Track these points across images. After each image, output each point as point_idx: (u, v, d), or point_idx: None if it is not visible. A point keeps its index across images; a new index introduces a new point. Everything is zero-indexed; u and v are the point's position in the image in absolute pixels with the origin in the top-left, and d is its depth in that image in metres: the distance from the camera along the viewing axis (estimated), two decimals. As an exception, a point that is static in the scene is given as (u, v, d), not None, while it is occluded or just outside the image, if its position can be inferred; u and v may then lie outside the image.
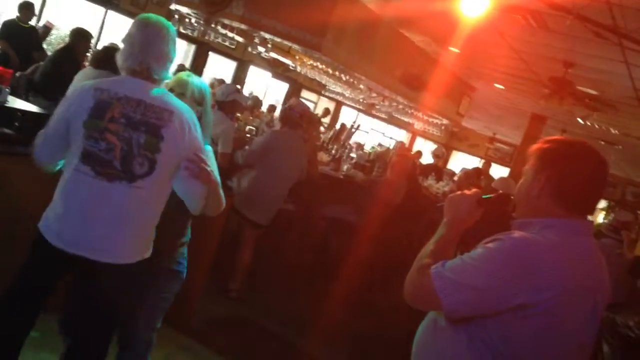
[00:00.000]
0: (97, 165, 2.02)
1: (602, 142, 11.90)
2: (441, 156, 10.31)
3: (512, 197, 1.81)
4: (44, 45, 7.90)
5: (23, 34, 7.29)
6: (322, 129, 9.11)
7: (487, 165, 10.09)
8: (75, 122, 2.03)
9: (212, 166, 2.22)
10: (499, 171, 16.28)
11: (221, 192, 2.28)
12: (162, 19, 2.21)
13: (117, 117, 2.02)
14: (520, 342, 1.47)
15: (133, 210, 2.08)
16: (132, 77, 2.11)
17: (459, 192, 1.77)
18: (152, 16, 2.20)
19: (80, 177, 2.03)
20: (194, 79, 2.47)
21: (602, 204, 15.83)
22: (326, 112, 12.16)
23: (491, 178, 8.69)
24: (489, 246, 1.51)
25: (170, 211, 2.23)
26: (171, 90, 2.30)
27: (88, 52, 6.29)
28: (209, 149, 2.34)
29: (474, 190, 1.78)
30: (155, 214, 2.17)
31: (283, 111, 4.94)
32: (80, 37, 5.85)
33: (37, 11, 8.02)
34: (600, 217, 15.45)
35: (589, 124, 9.76)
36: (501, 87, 9.96)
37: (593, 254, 1.57)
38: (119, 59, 2.16)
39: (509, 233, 1.54)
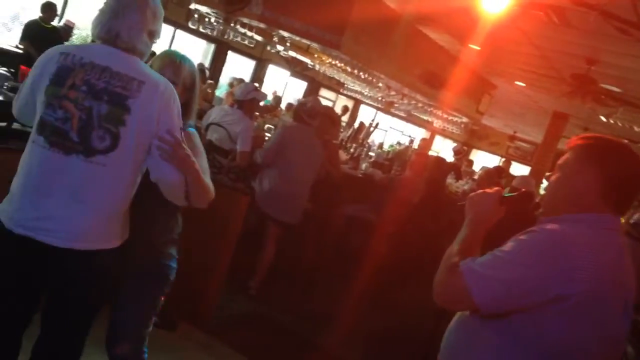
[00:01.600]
0: (52, 135, 1.81)
1: (626, 141, 11.71)
2: (461, 154, 10.24)
3: (534, 195, 1.78)
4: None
5: (45, 34, 7.40)
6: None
7: (507, 163, 9.99)
8: (38, 89, 1.86)
9: (195, 150, 2.05)
10: (519, 170, 16.12)
11: (207, 179, 2.08)
12: None
13: (79, 85, 1.81)
14: (554, 337, 1.44)
15: (91, 189, 1.84)
16: (102, 44, 1.91)
17: (480, 191, 1.75)
18: None
19: (35, 150, 1.84)
20: (187, 61, 2.23)
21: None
22: (345, 109, 12.13)
23: (511, 177, 8.60)
24: (522, 238, 1.49)
25: (151, 199, 2.02)
26: (162, 73, 2.04)
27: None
28: (193, 131, 2.19)
29: (495, 188, 1.76)
30: (121, 196, 1.92)
31: (296, 107, 4.95)
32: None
33: (59, 11, 8.13)
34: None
35: (612, 121, 9.62)
36: (522, 84, 9.85)
37: (622, 251, 1.54)
38: (91, 27, 1.97)
39: (542, 225, 1.52)
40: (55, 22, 7.99)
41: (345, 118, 12.11)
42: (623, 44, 5.56)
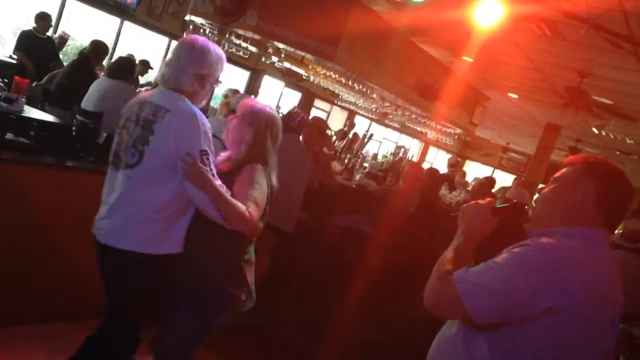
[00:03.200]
0: (113, 157, 2.36)
1: (618, 152, 11.79)
2: (456, 166, 10.25)
3: (526, 207, 1.80)
4: (60, 56, 8.00)
5: (39, 45, 7.39)
6: (333, 138, 9.10)
7: (520, 182, 10.02)
8: None
9: (245, 181, 2.37)
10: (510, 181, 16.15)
11: (233, 201, 2.25)
12: (195, 39, 2.40)
13: (133, 118, 2.31)
14: (545, 350, 1.45)
15: (124, 198, 2.29)
16: (160, 87, 2.37)
17: (473, 202, 1.76)
18: (186, 37, 2.47)
19: (108, 169, 2.39)
20: (265, 110, 2.59)
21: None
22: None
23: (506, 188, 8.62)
24: (516, 250, 1.51)
25: (215, 228, 2.28)
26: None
27: (103, 61, 6.38)
28: (256, 166, 2.46)
29: (487, 199, 1.77)
30: (145, 206, 2.27)
31: (283, 117, 4.98)
32: (97, 49, 5.93)
33: (53, 22, 8.13)
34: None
35: (604, 133, 9.68)
36: (515, 96, 9.91)
37: (611, 266, 1.57)
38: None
39: (536, 238, 1.54)
40: (49, 33, 7.98)
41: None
42: (615, 56, 5.62)
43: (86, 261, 3.05)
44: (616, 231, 5.40)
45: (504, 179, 15.67)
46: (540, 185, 1.76)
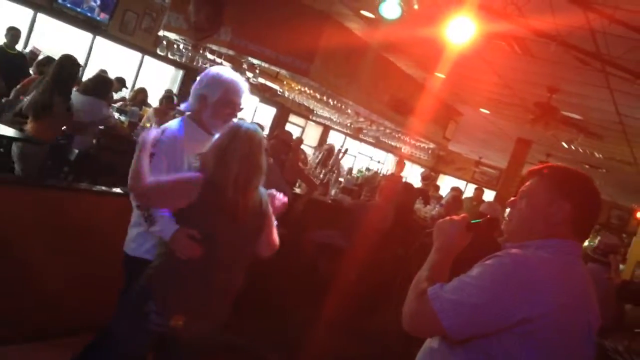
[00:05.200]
0: None
1: (587, 166, 12.03)
2: (429, 179, 10.33)
3: (499, 222, 1.82)
4: (31, 72, 7.88)
5: (10, 60, 7.28)
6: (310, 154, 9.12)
7: (480, 191, 10.10)
8: None
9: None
10: (485, 195, 16.34)
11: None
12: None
13: None
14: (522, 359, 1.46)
15: None
16: None
17: (447, 218, 1.77)
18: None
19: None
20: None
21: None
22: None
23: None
24: (487, 263, 1.52)
25: None
26: None
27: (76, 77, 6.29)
28: (261, 191, 2.56)
29: (462, 215, 1.79)
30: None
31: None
32: (67, 63, 5.83)
33: (24, 37, 8.01)
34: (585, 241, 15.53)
35: (573, 148, 9.88)
36: (487, 112, 10.06)
37: (584, 276, 1.59)
38: None
39: (507, 250, 1.56)
40: (20, 48, 7.87)
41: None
42: (583, 73, 5.75)
43: (54, 280, 2.98)
44: (590, 243, 5.49)
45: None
46: (511, 199, 1.75)
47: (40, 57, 8.48)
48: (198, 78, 2.63)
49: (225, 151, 2.31)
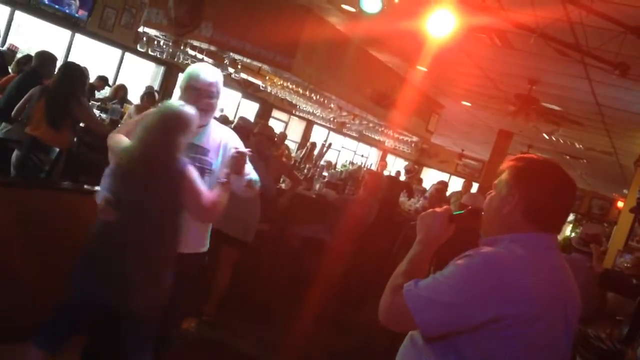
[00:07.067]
0: None
1: (568, 157, 12.17)
2: (413, 172, 10.37)
3: (482, 212, 1.82)
4: (10, 70, 7.77)
5: (-14, 58, 7.16)
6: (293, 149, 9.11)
7: (469, 184, 10.13)
8: None
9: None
10: (473, 188, 16.46)
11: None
12: None
13: None
14: (498, 357, 1.47)
15: None
16: None
17: (430, 210, 1.78)
18: None
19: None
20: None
21: (570, 217, 16.16)
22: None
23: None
24: (460, 263, 1.53)
25: None
26: None
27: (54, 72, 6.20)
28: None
29: (444, 207, 1.80)
30: None
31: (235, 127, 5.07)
32: (44, 60, 5.75)
33: (1, 34, 7.89)
34: (567, 230, 15.74)
35: (554, 139, 9.99)
36: (468, 104, 10.13)
37: (561, 267, 1.60)
38: None
39: (478, 249, 1.57)
40: (-3, 46, 7.75)
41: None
42: (562, 64, 5.81)
43: (33, 280, 2.94)
44: (573, 234, 5.56)
45: (460, 185, 15.94)
46: (489, 192, 1.76)
47: (19, 55, 8.38)
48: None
49: (140, 124, 2.59)
